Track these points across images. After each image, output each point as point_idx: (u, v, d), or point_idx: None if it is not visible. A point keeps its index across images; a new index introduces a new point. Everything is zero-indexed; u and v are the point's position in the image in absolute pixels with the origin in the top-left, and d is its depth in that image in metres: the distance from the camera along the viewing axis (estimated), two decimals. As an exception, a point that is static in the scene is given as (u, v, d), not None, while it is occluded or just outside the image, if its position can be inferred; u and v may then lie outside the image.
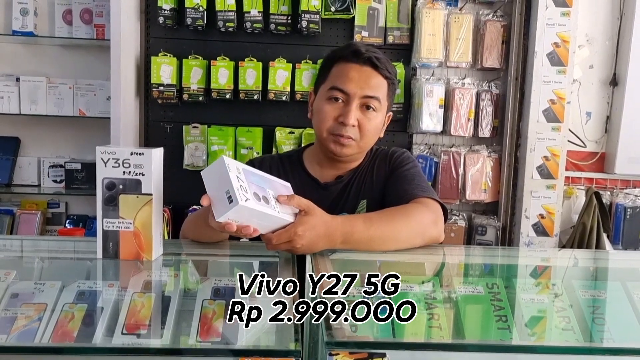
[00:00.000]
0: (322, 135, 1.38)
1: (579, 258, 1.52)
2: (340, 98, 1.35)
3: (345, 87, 1.34)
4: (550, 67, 2.60)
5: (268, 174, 1.43)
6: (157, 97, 2.58)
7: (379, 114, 1.38)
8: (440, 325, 0.92)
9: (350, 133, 1.34)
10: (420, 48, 2.61)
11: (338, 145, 1.36)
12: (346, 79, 1.34)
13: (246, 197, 0.94)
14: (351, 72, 1.34)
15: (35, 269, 1.12)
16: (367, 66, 1.34)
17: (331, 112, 1.35)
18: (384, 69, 1.36)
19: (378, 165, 1.47)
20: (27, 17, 2.59)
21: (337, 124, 1.35)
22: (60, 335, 0.80)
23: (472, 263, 1.35)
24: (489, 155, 2.75)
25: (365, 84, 1.33)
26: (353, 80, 1.33)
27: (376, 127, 1.38)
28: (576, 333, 0.95)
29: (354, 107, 1.33)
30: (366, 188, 1.44)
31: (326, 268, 1.02)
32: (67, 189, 2.68)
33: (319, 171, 1.46)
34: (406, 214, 1.22)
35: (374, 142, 1.43)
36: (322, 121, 1.37)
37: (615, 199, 2.81)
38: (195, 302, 0.89)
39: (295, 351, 0.71)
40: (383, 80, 1.36)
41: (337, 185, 1.45)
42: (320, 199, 1.39)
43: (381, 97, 1.36)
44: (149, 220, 1.03)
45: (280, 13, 2.58)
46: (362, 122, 1.35)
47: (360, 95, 1.33)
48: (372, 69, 1.34)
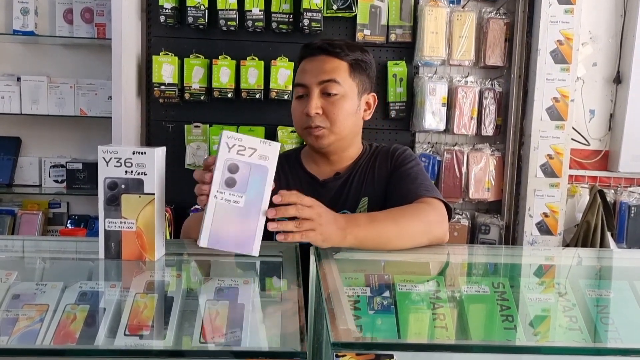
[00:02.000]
0: (299, 132, 1.43)
1: (583, 257, 1.51)
2: (302, 94, 1.39)
3: (302, 80, 1.38)
4: (553, 65, 2.59)
5: None
6: (159, 96, 2.57)
7: (346, 99, 1.37)
8: (445, 325, 0.91)
9: (318, 122, 1.36)
10: (423, 46, 2.59)
11: (312, 138, 1.39)
12: (302, 73, 1.39)
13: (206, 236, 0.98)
14: (306, 66, 1.39)
15: (37, 269, 1.11)
16: (320, 54, 1.38)
17: (298, 108, 1.40)
18: (340, 52, 1.36)
19: (379, 163, 1.45)
20: (28, 17, 2.58)
21: (305, 117, 1.37)
22: (62, 336, 0.79)
23: (476, 262, 1.34)
24: (492, 153, 2.73)
25: (319, 71, 1.36)
26: (308, 72, 1.38)
27: (346, 111, 1.37)
28: (583, 333, 0.94)
29: (314, 96, 1.35)
30: (367, 185, 1.43)
31: (330, 268, 1.01)
32: (68, 189, 2.68)
33: (316, 168, 1.47)
34: (412, 213, 1.22)
35: (351, 124, 1.40)
36: (294, 120, 1.43)
37: (619, 197, 2.80)
38: (198, 302, 0.89)
39: (300, 352, 0.70)
40: (339, 61, 1.37)
41: (336, 181, 1.44)
42: (319, 196, 1.40)
43: (340, 79, 1.36)
44: (151, 220, 1.02)
45: (282, 11, 2.57)
46: (326, 108, 1.36)
47: (316, 83, 1.35)
48: (325, 55, 1.37)
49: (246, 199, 0.99)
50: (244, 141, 0.99)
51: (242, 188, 0.99)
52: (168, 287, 0.95)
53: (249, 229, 1.00)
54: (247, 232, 1.00)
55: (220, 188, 0.99)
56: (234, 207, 0.99)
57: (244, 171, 0.99)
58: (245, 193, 0.99)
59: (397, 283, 0.99)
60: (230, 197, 0.99)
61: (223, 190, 0.99)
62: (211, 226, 0.99)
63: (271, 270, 1.09)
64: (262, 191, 1.00)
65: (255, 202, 1.00)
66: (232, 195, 0.99)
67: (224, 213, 0.99)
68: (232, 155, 0.99)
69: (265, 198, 1.00)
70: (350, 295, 0.92)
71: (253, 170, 0.99)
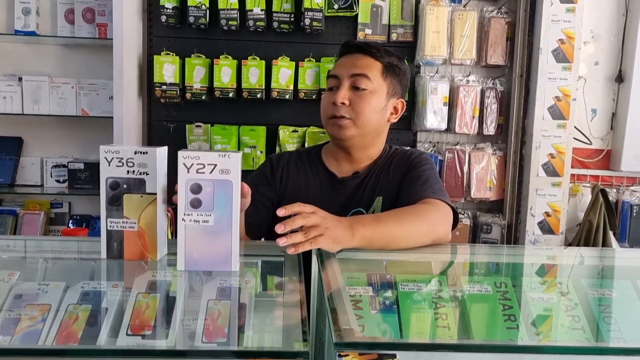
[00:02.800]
0: (324, 122, 1.45)
1: (585, 256, 1.51)
2: (333, 86, 1.42)
3: (335, 72, 1.43)
4: (555, 64, 2.58)
5: (285, 168, 1.49)
6: (160, 96, 2.57)
7: (374, 95, 1.40)
8: (448, 324, 0.91)
9: (343, 112, 1.39)
10: (424, 45, 2.59)
11: (335, 127, 1.41)
12: (337, 66, 1.45)
13: (182, 260, 0.98)
14: (341, 60, 1.46)
15: (39, 269, 1.11)
16: (356, 52, 1.43)
17: (327, 98, 1.44)
18: (374, 51, 1.41)
19: (395, 164, 1.48)
20: (29, 17, 2.58)
21: (331, 107, 1.41)
22: (65, 336, 0.79)
23: (478, 262, 1.34)
24: (494, 153, 2.73)
25: (353, 65, 1.41)
26: (342, 65, 1.43)
27: (372, 107, 1.40)
28: (586, 332, 0.93)
29: (344, 87, 1.40)
30: (382, 185, 1.45)
31: (333, 268, 1.01)
32: (70, 189, 2.68)
33: (336, 166, 1.49)
34: (415, 213, 1.24)
35: (375, 122, 1.43)
36: (322, 110, 1.46)
37: (621, 196, 2.79)
38: (200, 302, 0.88)
39: (303, 352, 0.70)
40: (373, 60, 1.41)
41: (354, 180, 1.46)
42: (336, 193, 1.45)
43: (371, 75, 1.40)
44: (153, 220, 1.02)
45: (283, 11, 2.57)
46: (353, 100, 1.39)
47: (348, 75, 1.40)
48: (361, 53, 1.43)
49: (215, 216, 0.97)
50: (201, 158, 0.97)
51: (209, 207, 0.97)
52: (170, 286, 0.95)
53: (224, 246, 0.98)
54: (222, 249, 0.98)
55: (186, 210, 0.97)
56: (205, 226, 0.97)
57: (207, 189, 0.97)
58: (213, 211, 0.97)
59: (399, 283, 0.99)
60: (199, 218, 0.97)
61: (190, 212, 0.97)
62: (185, 249, 0.98)
63: (273, 270, 1.09)
64: (231, 206, 0.97)
65: (226, 218, 0.97)
66: (200, 216, 0.97)
67: (196, 234, 0.98)
68: (192, 175, 0.97)
69: (235, 212, 0.98)
70: (352, 295, 0.92)
71: (217, 187, 0.97)
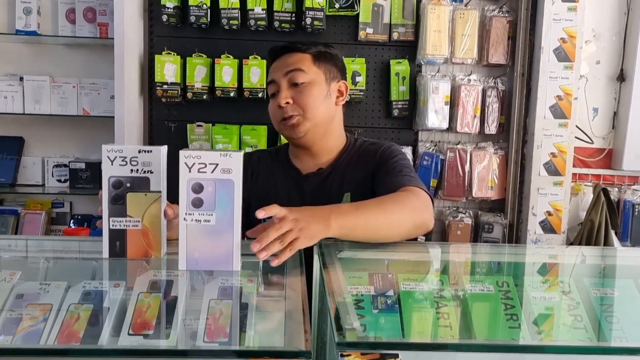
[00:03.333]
0: (277, 128, 1.47)
1: (587, 255, 1.51)
2: (274, 91, 1.45)
3: (271, 77, 1.46)
4: (556, 63, 2.58)
5: (256, 167, 1.52)
6: (161, 95, 2.57)
7: (313, 85, 1.42)
8: (450, 324, 0.91)
9: (290, 111, 1.41)
10: (426, 44, 2.59)
11: (288, 128, 1.43)
12: (270, 72, 1.48)
13: (183, 259, 0.98)
14: (273, 65, 1.48)
15: (40, 269, 1.11)
16: (282, 53, 1.47)
17: (272, 105, 1.46)
18: (301, 46, 1.45)
19: (362, 159, 1.47)
20: (31, 17, 2.58)
21: (279, 111, 1.43)
22: (66, 336, 0.79)
23: (480, 261, 1.34)
24: (496, 152, 2.73)
25: (284, 64, 1.44)
26: (275, 69, 1.46)
27: (315, 96, 1.41)
28: (588, 332, 0.93)
29: (283, 88, 1.42)
30: (349, 181, 1.44)
31: (334, 267, 1.01)
32: (71, 188, 2.68)
33: (300, 163, 1.51)
34: (396, 200, 1.24)
35: (323, 111, 1.43)
36: (272, 118, 1.48)
37: (623, 195, 2.79)
38: (202, 301, 0.88)
39: (305, 352, 0.70)
40: (301, 54, 1.44)
41: (318, 176, 1.47)
42: (301, 189, 1.46)
43: (305, 67, 1.42)
44: (157, 218, 1.02)
45: (285, 10, 2.57)
46: (296, 97, 1.41)
47: (283, 74, 1.42)
48: (286, 53, 1.46)
49: (217, 216, 0.97)
50: (203, 158, 0.96)
51: (210, 206, 0.97)
52: (172, 286, 0.95)
53: (226, 245, 0.98)
54: (224, 248, 0.98)
55: (187, 210, 0.96)
56: (206, 226, 0.97)
57: (209, 189, 0.96)
58: (214, 210, 0.97)
59: (401, 282, 0.99)
60: (200, 217, 0.97)
61: (191, 212, 0.97)
62: (186, 249, 0.97)
63: (275, 269, 1.09)
64: (232, 205, 0.97)
65: (227, 217, 0.97)
66: (202, 215, 0.97)
67: (197, 234, 0.97)
68: (194, 175, 0.96)
69: (236, 211, 0.97)
70: (354, 294, 0.92)
71: (218, 186, 0.96)
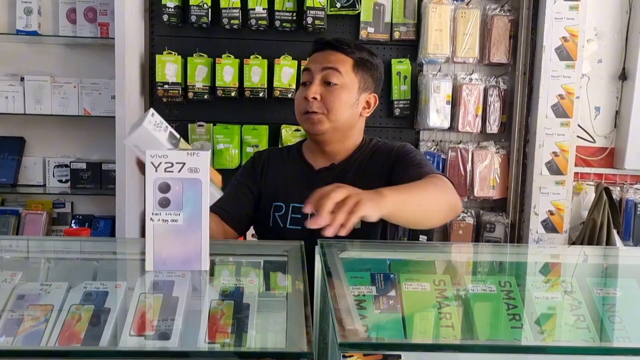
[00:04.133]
0: (298, 118, 1.47)
1: (590, 255, 1.50)
2: (306, 81, 1.44)
3: (308, 65, 1.46)
4: (558, 62, 2.57)
5: (266, 163, 1.55)
6: (162, 95, 2.57)
7: (345, 90, 1.41)
8: (452, 324, 0.91)
9: (315, 107, 1.41)
10: (427, 44, 2.58)
11: (308, 123, 1.43)
12: (310, 62, 1.47)
13: (150, 260, 0.96)
14: (314, 56, 1.47)
15: (42, 269, 1.11)
16: (327, 48, 1.45)
17: (300, 94, 1.46)
18: (345, 47, 1.43)
19: (377, 159, 1.47)
20: (31, 17, 2.58)
21: (304, 102, 1.43)
22: (67, 337, 0.79)
23: (482, 261, 1.33)
24: (497, 151, 2.72)
25: (324, 59, 1.43)
26: (314, 60, 1.45)
27: (343, 101, 1.41)
28: (591, 332, 0.93)
29: (316, 82, 1.42)
30: (361, 178, 1.44)
31: (336, 267, 1.00)
32: (72, 188, 2.68)
33: (313, 159, 1.52)
34: (431, 183, 1.26)
35: (347, 116, 1.43)
36: (296, 105, 1.48)
37: (625, 194, 2.78)
38: (204, 302, 0.88)
39: (307, 353, 0.69)
40: (344, 56, 1.43)
41: (331, 171, 1.48)
42: (313, 184, 1.41)
43: (342, 70, 1.41)
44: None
45: (286, 10, 2.57)
46: (325, 95, 1.41)
47: (319, 69, 1.42)
48: (332, 49, 1.44)
49: (184, 215, 0.96)
50: (170, 157, 0.95)
51: (177, 206, 0.96)
52: (173, 287, 0.95)
53: (194, 245, 0.97)
54: (192, 248, 0.97)
55: (154, 210, 0.95)
56: (173, 226, 0.96)
57: (176, 188, 0.95)
58: (182, 210, 0.96)
59: (403, 282, 0.99)
60: (167, 217, 0.96)
61: (158, 212, 0.95)
62: (153, 250, 0.96)
63: (276, 269, 1.09)
64: (200, 205, 0.96)
65: (195, 217, 0.96)
66: (169, 215, 0.96)
67: (164, 234, 0.96)
68: (160, 174, 0.95)
69: (204, 211, 0.96)
70: (356, 294, 0.92)
71: (186, 186, 0.95)
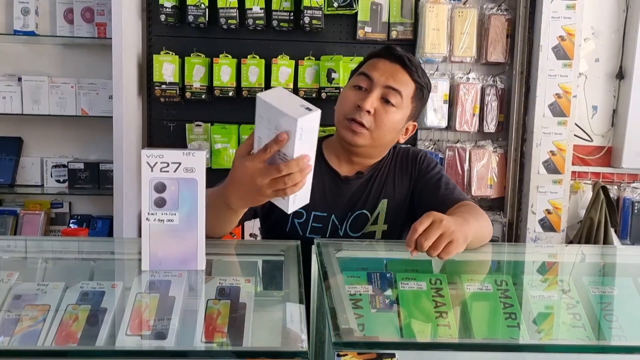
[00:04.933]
0: (339, 119, 1.37)
1: (587, 254, 1.51)
2: (364, 87, 1.34)
3: (371, 73, 1.34)
4: (555, 61, 2.58)
5: None
6: (160, 95, 2.57)
7: (399, 112, 1.34)
8: (448, 323, 0.91)
9: (365, 120, 1.31)
10: (424, 43, 2.58)
11: (350, 132, 1.33)
12: (374, 68, 1.35)
13: (146, 259, 0.96)
14: (380, 63, 1.36)
15: (39, 269, 1.11)
16: (397, 63, 1.35)
17: (352, 97, 1.35)
18: (414, 71, 1.35)
19: (401, 166, 1.45)
20: (29, 17, 2.58)
21: (354, 108, 1.33)
22: (64, 336, 0.79)
23: (479, 260, 1.33)
24: (495, 150, 2.73)
25: (390, 75, 1.33)
26: (380, 70, 1.34)
27: (393, 123, 1.34)
28: (587, 330, 0.93)
29: (375, 94, 1.32)
30: (388, 188, 1.42)
31: (332, 267, 1.01)
32: (70, 188, 2.68)
33: (338, 164, 1.43)
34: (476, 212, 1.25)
35: (389, 139, 1.38)
36: (342, 106, 1.37)
37: (622, 193, 2.79)
38: (200, 302, 0.88)
39: (301, 352, 0.70)
40: (410, 80, 1.35)
41: (358, 180, 1.42)
42: (340, 192, 1.41)
43: (404, 94, 1.33)
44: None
45: (283, 9, 2.57)
46: (379, 112, 1.32)
47: (383, 84, 1.32)
48: (402, 66, 1.35)
49: (180, 215, 0.96)
50: (165, 157, 0.95)
51: (173, 206, 0.96)
52: (169, 286, 0.95)
53: (190, 244, 0.97)
54: (188, 248, 0.97)
55: (150, 210, 0.96)
56: (169, 225, 0.96)
57: (172, 188, 0.95)
58: (178, 210, 0.96)
59: (399, 281, 0.99)
60: (163, 217, 0.96)
61: (154, 211, 0.96)
62: (149, 249, 0.97)
63: (273, 269, 1.09)
64: (196, 204, 0.96)
65: (191, 216, 0.96)
66: (165, 215, 0.96)
67: (160, 234, 0.96)
68: (156, 174, 0.95)
69: (200, 210, 0.97)
70: (352, 293, 0.92)
71: (182, 185, 0.96)
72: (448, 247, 1.02)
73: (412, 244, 1.01)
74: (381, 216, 1.40)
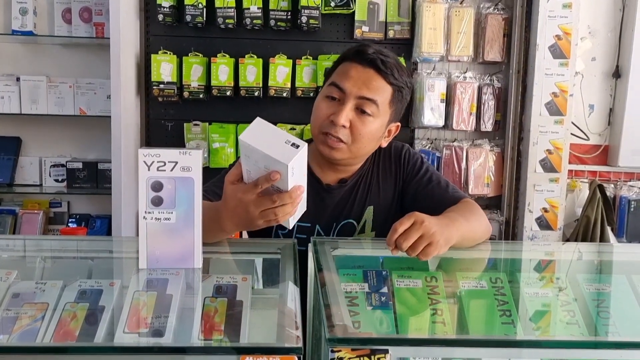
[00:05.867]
0: (314, 133, 1.32)
1: (583, 251, 1.52)
2: (336, 97, 1.28)
3: (342, 84, 1.27)
4: (552, 60, 2.59)
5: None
6: (158, 95, 2.57)
7: (377, 120, 1.28)
8: (444, 320, 0.92)
9: (340, 134, 1.25)
10: (421, 42, 2.59)
11: (327, 147, 1.28)
12: (345, 77, 1.28)
13: (144, 258, 0.96)
14: (352, 71, 1.28)
15: (37, 268, 1.11)
16: (370, 68, 1.27)
17: (325, 109, 1.28)
18: (389, 74, 1.27)
19: (384, 167, 1.41)
20: (27, 17, 2.58)
21: (329, 122, 1.27)
22: (62, 334, 0.80)
23: (475, 257, 1.34)
24: (492, 149, 2.73)
25: (364, 85, 1.26)
26: (352, 79, 1.27)
27: (372, 133, 1.28)
28: (581, 327, 0.94)
29: (348, 107, 1.25)
30: (372, 194, 1.38)
31: (328, 264, 1.01)
32: (68, 188, 2.68)
33: (321, 171, 1.38)
34: (471, 211, 1.25)
35: (369, 148, 1.33)
36: (315, 119, 1.31)
37: (619, 191, 2.80)
38: (197, 299, 0.89)
39: (297, 348, 0.71)
40: (386, 84, 1.28)
41: (341, 188, 1.37)
42: (323, 201, 1.36)
43: (380, 101, 1.27)
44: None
45: (280, 9, 2.57)
46: (355, 125, 1.26)
47: (356, 95, 1.25)
48: (375, 71, 1.27)
49: (177, 214, 0.97)
50: (162, 156, 0.95)
51: (170, 204, 0.96)
52: (167, 284, 0.95)
53: (187, 243, 0.98)
54: (185, 246, 0.98)
55: (147, 208, 0.96)
56: (166, 224, 0.97)
57: (168, 187, 0.96)
58: (174, 208, 0.96)
59: (394, 279, 1.00)
60: (160, 216, 0.96)
61: (151, 210, 0.96)
62: (146, 248, 0.97)
63: (270, 267, 1.10)
64: (193, 203, 0.97)
65: (188, 215, 0.97)
66: (162, 213, 0.96)
67: (157, 232, 0.97)
68: (153, 173, 0.95)
69: (197, 209, 0.97)
70: (348, 291, 0.93)
71: (178, 184, 0.96)
72: (427, 248, 1.02)
73: (392, 243, 1.01)
74: (368, 224, 1.37)
